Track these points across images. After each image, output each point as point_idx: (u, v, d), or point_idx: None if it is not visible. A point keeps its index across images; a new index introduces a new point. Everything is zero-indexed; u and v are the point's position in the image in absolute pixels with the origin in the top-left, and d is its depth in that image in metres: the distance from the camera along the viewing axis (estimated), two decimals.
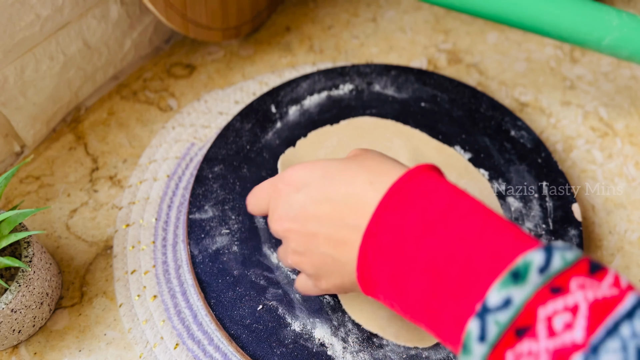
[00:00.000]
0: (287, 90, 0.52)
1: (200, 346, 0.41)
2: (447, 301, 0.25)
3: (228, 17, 0.55)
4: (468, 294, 0.24)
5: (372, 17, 0.63)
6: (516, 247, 0.24)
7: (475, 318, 0.23)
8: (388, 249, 0.27)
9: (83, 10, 0.48)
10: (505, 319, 0.22)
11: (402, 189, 0.28)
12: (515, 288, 0.23)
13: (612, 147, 0.52)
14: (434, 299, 0.25)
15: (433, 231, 0.26)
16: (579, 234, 0.44)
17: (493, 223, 0.26)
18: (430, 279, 0.25)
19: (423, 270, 0.26)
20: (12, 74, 0.45)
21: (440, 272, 0.25)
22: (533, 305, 0.22)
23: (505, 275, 0.23)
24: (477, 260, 0.24)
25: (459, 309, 0.24)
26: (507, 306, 0.22)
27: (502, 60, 0.59)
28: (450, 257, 0.25)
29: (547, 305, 0.22)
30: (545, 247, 0.24)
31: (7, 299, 0.36)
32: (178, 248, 0.45)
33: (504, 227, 0.25)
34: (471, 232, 0.25)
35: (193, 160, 0.50)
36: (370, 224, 0.28)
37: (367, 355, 0.38)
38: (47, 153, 0.51)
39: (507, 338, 0.22)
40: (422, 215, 0.26)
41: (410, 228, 0.26)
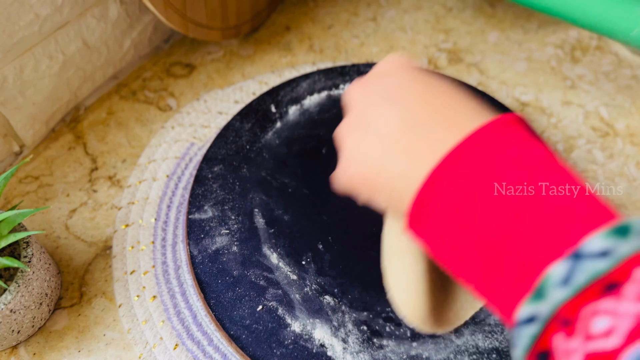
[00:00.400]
0: (287, 90, 0.52)
1: (200, 347, 0.40)
2: (524, 245, 0.22)
3: (228, 16, 0.55)
4: (557, 239, 0.22)
5: (372, 17, 0.63)
6: (612, 214, 0.22)
7: (563, 261, 0.21)
8: (455, 192, 0.24)
9: (82, 9, 0.48)
10: (600, 268, 0.20)
11: (480, 137, 0.25)
12: (620, 241, 0.21)
13: (613, 147, 0.52)
14: (506, 241, 0.23)
15: (522, 172, 0.23)
16: None
17: (584, 192, 0.23)
18: (511, 219, 0.23)
19: (501, 208, 0.23)
20: (11, 73, 0.45)
21: (522, 214, 0.22)
22: (632, 263, 0.20)
23: (612, 227, 0.21)
24: (573, 210, 0.22)
25: (539, 253, 0.22)
26: (605, 256, 0.20)
27: (502, 60, 0.59)
28: (540, 202, 0.22)
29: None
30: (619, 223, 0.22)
31: (6, 299, 0.36)
32: (177, 248, 0.45)
33: (596, 200, 0.23)
34: (542, 197, 0.23)
35: (192, 160, 0.50)
36: (440, 165, 0.24)
37: (367, 355, 0.38)
38: (46, 153, 0.51)
39: (593, 289, 0.20)
40: (502, 168, 0.24)
41: (496, 166, 0.23)
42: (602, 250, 0.21)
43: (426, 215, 0.25)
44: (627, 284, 0.20)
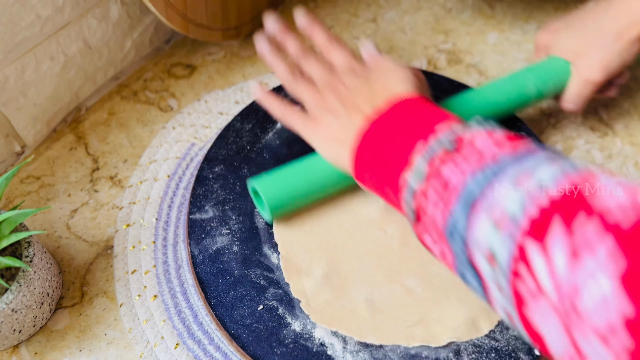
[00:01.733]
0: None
1: (201, 346, 0.41)
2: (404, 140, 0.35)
3: (228, 17, 0.55)
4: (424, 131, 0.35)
5: (372, 18, 0.63)
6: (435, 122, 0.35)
7: (423, 143, 0.34)
8: (374, 143, 0.37)
9: (83, 10, 0.48)
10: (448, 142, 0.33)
11: (394, 106, 0.38)
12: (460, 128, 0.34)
13: (612, 148, 0.52)
14: (386, 160, 0.36)
15: (404, 127, 0.36)
16: None
17: (436, 110, 0.36)
18: (384, 159, 0.36)
19: (387, 147, 0.36)
20: (12, 74, 0.45)
21: (393, 152, 0.35)
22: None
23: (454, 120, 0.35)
24: (415, 128, 0.35)
25: (413, 140, 0.35)
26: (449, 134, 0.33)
27: (502, 61, 0.59)
28: (401, 133, 0.36)
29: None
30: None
31: (8, 298, 0.36)
32: (178, 248, 0.45)
33: (437, 114, 0.36)
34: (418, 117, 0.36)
35: (193, 161, 0.50)
36: (370, 121, 0.38)
37: (367, 354, 0.38)
38: (47, 153, 0.51)
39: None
40: (397, 123, 0.37)
41: (391, 129, 0.36)
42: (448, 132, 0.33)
43: (361, 169, 0.38)
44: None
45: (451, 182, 0.30)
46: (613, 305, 0.22)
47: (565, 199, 0.26)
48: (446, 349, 0.38)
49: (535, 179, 0.27)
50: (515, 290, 0.26)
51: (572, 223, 0.25)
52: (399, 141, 0.35)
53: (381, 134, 0.36)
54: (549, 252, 0.25)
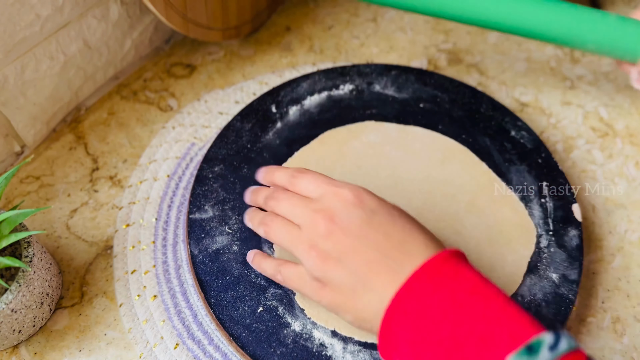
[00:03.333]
0: (288, 90, 0.52)
1: (200, 346, 0.41)
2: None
3: (228, 17, 0.55)
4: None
5: (372, 17, 0.63)
6: (529, 330, 0.28)
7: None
8: (413, 317, 0.29)
9: (83, 10, 0.48)
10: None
11: (433, 267, 0.30)
12: (528, 358, 0.26)
13: (613, 147, 0.52)
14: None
15: (457, 308, 0.29)
16: (579, 234, 0.44)
17: (510, 309, 0.29)
18: (449, 351, 0.28)
19: (443, 342, 0.28)
20: (12, 73, 0.45)
21: (459, 346, 0.28)
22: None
23: (521, 348, 0.26)
24: (495, 337, 0.27)
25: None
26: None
27: (502, 60, 0.59)
28: (470, 333, 0.28)
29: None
30: (554, 331, 0.27)
31: (8, 299, 0.36)
32: (178, 248, 0.45)
33: (519, 314, 0.29)
34: (491, 313, 0.28)
35: (193, 160, 0.50)
36: (401, 291, 0.30)
37: (367, 355, 0.38)
38: (47, 153, 0.51)
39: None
40: (448, 294, 0.29)
41: (436, 303, 0.29)
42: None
43: (392, 348, 0.30)
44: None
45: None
46: None
47: None
48: None
49: None
50: None
51: None
52: None
53: (420, 325, 0.29)
54: None
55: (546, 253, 0.43)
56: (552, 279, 0.41)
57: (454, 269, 0.30)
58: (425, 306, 0.29)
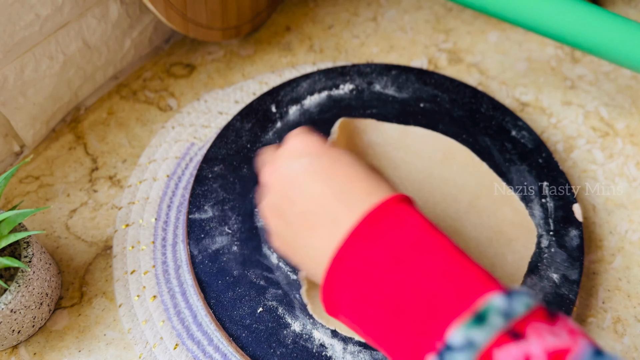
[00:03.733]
0: (287, 90, 0.52)
1: (200, 346, 0.40)
2: (407, 334, 0.26)
3: (228, 16, 0.55)
4: (430, 331, 0.25)
5: (372, 17, 0.63)
6: (479, 288, 0.25)
7: (435, 357, 0.24)
8: (355, 275, 0.27)
9: (83, 9, 0.48)
10: (465, 359, 0.23)
11: (375, 218, 0.28)
12: (477, 330, 0.23)
13: (613, 147, 0.52)
14: (394, 330, 0.26)
15: (400, 264, 0.27)
16: (579, 234, 0.44)
17: (458, 262, 0.27)
18: (393, 310, 0.26)
19: (387, 300, 0.26)
20: (11, 73, 0.45)
21: (403, 304, 0.26)
22: (491, 347, 0.23)
23: (468, 317, 0.24)
24: (441, 297, 0.25)
25: (418, 344, 0.25)
26: (468, 347, 0.23)
27: (502, 60, 0.59)
28: (414, 291, 0.26)
29: (504, 349, 0.23)
30: (507, 291, 0.25)
31: (7, 299, 0.36)
32: (178, 248, 0.45)
33: (469, 268, 0.26)
34: (436, 269, 0.26)
35: (193, 160, 0.50)
36: (341, 249, 0.28)
37: (367, 355, 0.38)
38: (46, 153, 0.51)
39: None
40: (391, 247, 0.27)
41: (378, 258, 0.27)
42: (464, 342, 0.23)
43: (335, 306, 0.29)
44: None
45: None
46: None
47: None
48: None
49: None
50: None
51: None
52: (397, 313, 0.26)
53: (363, 269, 0.27)
54: None
55: (547, 253, 0.43)
56: (553, 279, 0.41)
57: (397, 219, 0.28)
58: (367, 263, 0.27)
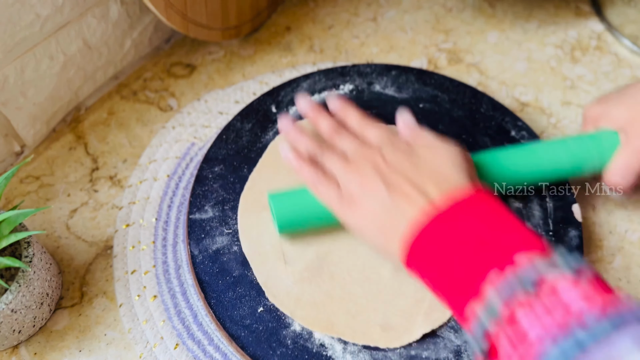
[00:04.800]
0: (288, 90, 0.52)
1: (200, 346, 0.41)
2: (460, 283, 0.32)
3: (228, 16, 0.55)
4: (474, 279, 0.31)
5: (372, 17, 0.63)
6: (520, 249, 0.31)
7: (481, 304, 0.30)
8: (438, 240, 0.33)
9: (83, 9, 0.48)
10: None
11: (466, 202, 0.34)
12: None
13: None
14: (453, 282, 0.32)
15: (481, 230, 0.32)
16: (579, 234, 0.44)
17: (532, 233, 0.32)
18: (458, 266, 0.32)
19: (456, 260, 0.32)
20: (12, 73, 0.45)
21: (465, 262, 0.32)
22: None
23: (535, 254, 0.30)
24: (511, 241, 0.31)
25: (466, 289, 0.31)
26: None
27: (502, 60, 0.59)
28: (489, 240, 0.32)
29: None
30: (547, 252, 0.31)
31: (7, 299, 0.36)
32: (178, 248, 0.45)
33: (541, 238, 0.32)
34: (510, 233, 0.32)
35: (193, 160, 0.50)
36: (434, 220, 0.33)
37: (367, 355, 0.38)
38: (47, 153, 0.51)
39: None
40: (469, 224, 0.33)
41: (459, 232, 0.33)
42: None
43: (415, 262, 0.34)
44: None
45: (529, 336, 0.27)
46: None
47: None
48: (446, 349, 0.38)
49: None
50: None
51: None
52: (469, 259, 0.31)
53: (445, 239, 0.33)
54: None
55: None
56: None
57: (486, 207, 0.34)
58: (450, 234, 0.33)
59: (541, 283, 0.28)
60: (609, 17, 0.61)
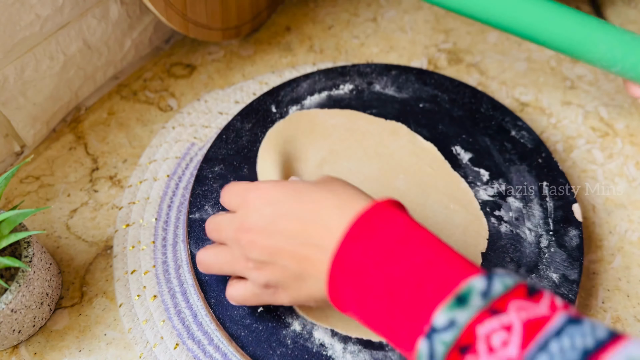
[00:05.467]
0: (288, 90, 0.52)
1: (200, 346, 0.41)
2: (401, 321, 0.28)
3: (228, 16, 0.55)
4: (418, 316, 0.27)
5: (372, 17, 0.63)
6: (461, 274, 0.27)
7: (424, 339, 0.26)
8: (354, 273, 0.30)
9: (83, 10, 0.48)
10: (449, 338, 0.25)
11: (367, 219, 0.31)
12: (459, 311, 0.25)
13: (613, 147, 0.52)
14: (391, 318, 0.29)
15: (390, 259, 0.29)
16: (579, 234, 0.44)
17: (443, 254, 0.29)
18: (388, 301, 0.28)
19: (382, 293, 0.29)
20: (12, 73, 0.45)
21: (395, 295, 0.28)
22: (473, 325, 0.25)
23: (450, 299, 0.26)
24: (427, 285, 0.27)
25: (411, 329, 0.27)
26: (451, 327, 0.25)
27: (502, 60, 0.59)
28: (404, 282, 0.28)
29: (485, 324, 0.25)
30: (487, 274, 0.27)
31: (7, 299, 0.36)
32: (178, 248, 0.45)
33: (452, 258, 0.29)
34: (423, 261, 0.28)
35: (193, 160, 0.50)
36: (340, 249, 0.30)
37: (367, 355, 0.38)
38: (47, 153, 0.51)
39: (452, 356, 0.25)
40: (383, 245, 0.29)
41: (371, 256, 0.29)
42: (448, 322, 0.25)
43: (342, 303, 0.31)
44: (477, 343, 0.25)
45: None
46: None
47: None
48: None
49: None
50: None
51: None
52: (401, 290, 0.28)
53: (363, 264, 0.30)
54: None
55: (546, 253, 0.43)
56: (552, 279, 0.41)
57: (387, 218, 0.30)
58: (363, 260, 0.30)
59: (467, 338, 0.25)
60: (609, 17, 0.61)
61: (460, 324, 0.25)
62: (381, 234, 0.30)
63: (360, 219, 0.31)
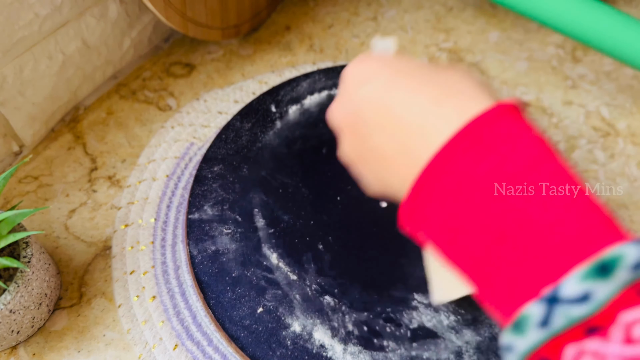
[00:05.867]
0: (287, 89, 0.52)
1: (200, 347, 0.40)
2: (504, 271, 0.22)
3: (228, 16, 0.55)
4: (536, 273, 0.21)
5: (372, 16, 0.62)
6: (607, 235, 0.21)
7: (540, 302, 0.20)
8: (450, 191, 0.23)
9: (82, 9, 0.48)
10: (579, 314, 0.20)
11: (481, 127, 0.23)
12: (600, 283, 0.19)
13: (614, 147, 0.52)
14: (491, 261, 0.22)
15: (508, 186, 0.22)
16: None
17: (583, 200, 0.22)
18: (492, 239, 0.22)
19: (489, 227, 0.22)
20: (10, 73, 0.45)
21: (509, 236, 0.22)
22: (615, 307, 0.19)
23: (589, 265, 0.20)
24: (556, 237, 0.21)
25: (518, 287, 0.21)
26: (585, 301, 0.20)
27: (503, 60, 0.59)
28: (525, 224, 0.21)
29: (632, 311, 0.19)
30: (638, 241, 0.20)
31: (6, 299, 0.36)
32: (177, 248, 0.45)
33: (595, 209, 0.22)
34: (553, 201, 0.21)
35: (192, 160, 0.50)
36: (438, 155, 0.23)
37: (367, 356, 0.38)
38: (45, 153, 0.51)
39: (574, 332, 0.20)
40: (500, 165, 0.22)
41: (483, 174, 0.22)
42: (581, 294, 0.20)
43: (417, 219, 0.25)
44: (612, 327, 0.19)
45: None
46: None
47: None
48: (447, 349, 0.38)
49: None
50: None
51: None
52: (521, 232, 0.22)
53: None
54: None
55: None
56: None
57: (508, 131, 0.23)
58: (468, 177, 0.23)
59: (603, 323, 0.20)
60: None
61: (599, 300, 0.19)
62: (501, 150, 0.23)
63: (479, 121, 0.23)
